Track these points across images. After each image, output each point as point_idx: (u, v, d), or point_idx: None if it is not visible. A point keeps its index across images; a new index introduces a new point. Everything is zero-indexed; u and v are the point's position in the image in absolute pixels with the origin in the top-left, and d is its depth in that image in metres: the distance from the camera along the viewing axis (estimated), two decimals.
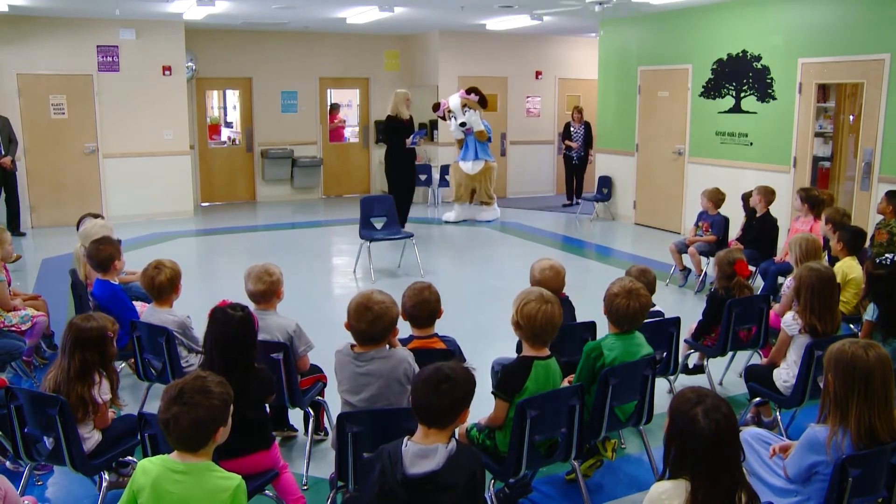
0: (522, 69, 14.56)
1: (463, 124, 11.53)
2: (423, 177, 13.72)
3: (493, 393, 3.40)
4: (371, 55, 14.73)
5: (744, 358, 5.36)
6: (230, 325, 3.29)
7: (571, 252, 9.76)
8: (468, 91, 11.50)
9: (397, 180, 10.54)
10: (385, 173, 10.98)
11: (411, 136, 10.38)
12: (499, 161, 14.66)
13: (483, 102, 11.59)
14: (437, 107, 11.87)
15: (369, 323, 3.34)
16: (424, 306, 3.72)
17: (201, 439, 2.58)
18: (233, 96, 15.38)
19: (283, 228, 11.63)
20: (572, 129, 13.08)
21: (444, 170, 13.87)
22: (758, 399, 4.43)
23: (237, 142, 14.52)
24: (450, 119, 11.65)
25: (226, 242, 10.69)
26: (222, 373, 2.85)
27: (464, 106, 11.47)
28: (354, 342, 3.44)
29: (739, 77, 9.73)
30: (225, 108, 16.63)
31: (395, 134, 10.35)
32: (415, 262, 8.53)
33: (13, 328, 5.16)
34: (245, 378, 3.20)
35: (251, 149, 14.19)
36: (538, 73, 14.71)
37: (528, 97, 14.73)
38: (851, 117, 9.11)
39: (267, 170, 14.13)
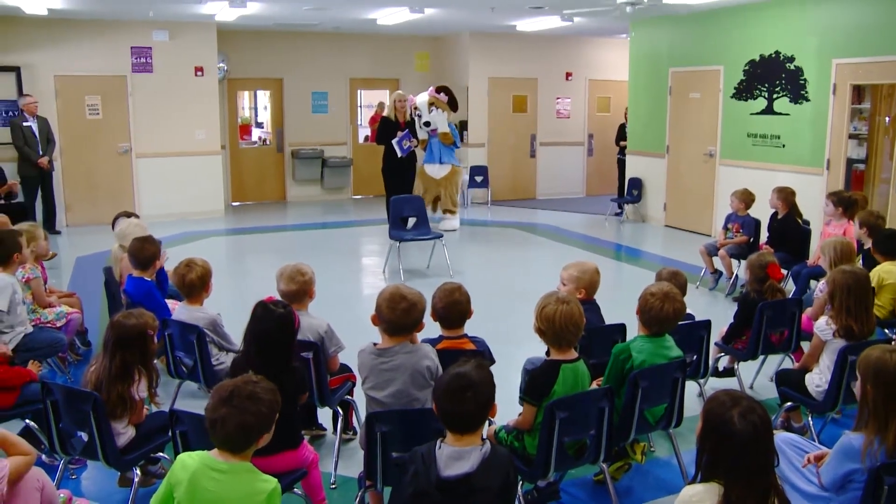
0: (552, 70, 14.51)
1: (427, 123, 10.86)
2: None
3: (521, 398, 3.39)
4: (401, 56, 14.77)
5: (775, 362, 5.30)
6: (270, 321, 3.33)
7: (601, 254, 9.70)
8: (438, 90, 10.97)
9: (388, 183, 10.41)
10: (381, 173, 10.68)
11: (397, 140, 10.08)
12: (528, 162, 14.69)
13: (453, 105, 11.06)
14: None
15: (405, 311, 3.37)
16: (455, 307, 3.73)
17: (245, 443, 2.61)
18: (264, 97, 15.50)
19: (313, 228, 11.69)
20: (628, 129, 12.74)
21: (475, 171, 13.90)
22: (789, 404, 4.37)
23: (268, 142, 14.62)
24: (415, 117, 10.98)
25: (256, 242, 10.77)
26: (259, 368, 2.87)
27: (431, 105, 10.82)
28: (376, 342, 3.47)
29: (772, 78, 9.62)
30: (256, 109, 16.77)
31: (385, 136, 10.24)
32: (444, 262, 8.54)
33: (49, 324, 5.24)
34: (280, 375, 3.22)
35: (282, 149, 14.29)
36: (568, 75, 14.65)
37: (557, 98, 14.67)
38: (888, 119, 8.97)
39: (297, 170, 14.22)
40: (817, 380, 4.19)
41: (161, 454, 3.73)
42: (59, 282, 8.01)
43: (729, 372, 5.19)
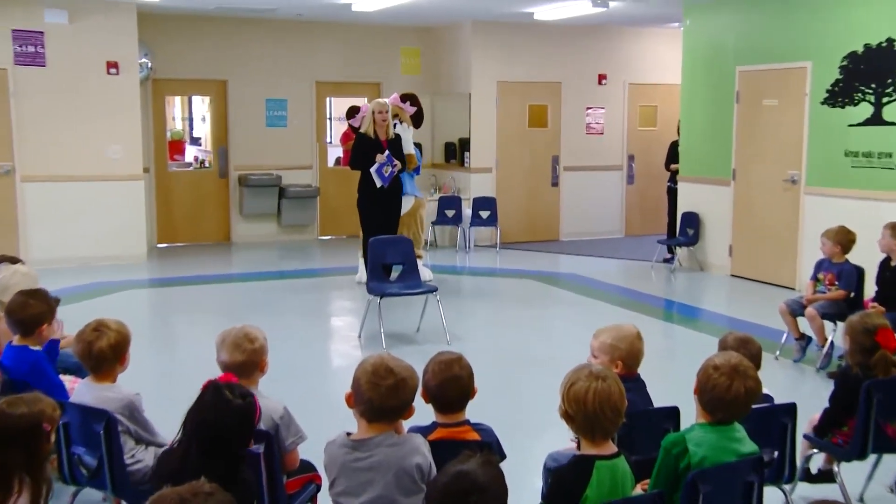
0: (581, 72, 14.73)
1: None
2: (450, 213, 13.82)
3: None
4: (384, 53, 15.00)
5: (893, 463, 5.27)
6: (223, 412, 3.28)
7: (646, 313, 9.73)
8: (403, 98, 10.99)
9: (365, 220, 10.46)
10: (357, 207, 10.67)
11: (375, 169, 10.11)
12: (549, 193, 14.83)
13: (418, 119, 11.13)
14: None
15: (391, 389, 3.36)
16: (454, 385, 3.73)
17: None
18: (201, 104, 15.62)
19: (267, 279, 11.74)
20: (681, 148, 12.74)
21: (479, 204, 14.00)
22: None
23: (207, 164, 14.76)
24: None
25: (190, 297, 10.79)
26: (197, 469, 2.83)
27: (394, 116, 10.74)
28: (350, 431, 3.47)
29: (882, 76, 9.67)
30: (191, 120, 16.89)
31: (362, 158, 10.28)
32: (439, 325, 8.54)
33: None
34: (226, 485, 3.19)
35: (226, 174, 14.40)
36: (602, 77, 14.88)
37: (588, 108, 14.88)
38: None
39: (246, 201, 14.31)
40: None
41: None
42: None
43: (826, 475, 5.13)
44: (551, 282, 11.61)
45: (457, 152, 14.72)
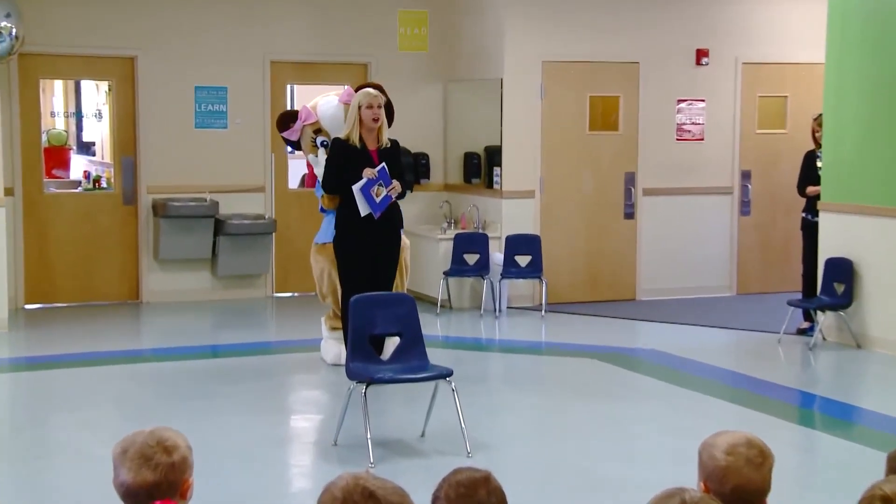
0: (670, 46, 14.81)
1: None
2: (471, 258, 13.82)
3: None
4: (374, 21, 15.14)
5: None
6: None
7: (772, 412, 9.68)
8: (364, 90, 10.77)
9: (345, 268, 10.53)
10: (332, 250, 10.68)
11: (360, 187, 10.15)
12: (621, 229, 14.90)
13: (387, 116, 10.84)
14: (286, 122, 11.24)
15: None
16: None
17: None
18: (95, 93, 15.68)
19: (195, 357, 11.74)
20: (823, 163, 12.67)
21: (514, 244, 14.05)
22: None
23: (104, 183, 14.80)
24: (319, 147, 10.99)
25: (76, 385, 10.71)
26: None
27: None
28: None
29: None
30: (79, 117, 16.92)
31: (340, 174, 10.33)
32: (455, 427, 8.51)
33: None
34: None
35: (133, 198, 14.47)
36: (701, 55, 14.93)
37: (679, 102, 14.96)
38: None
39: (165, 240, 14.34)
40: None
41: None
42: None
43: None
44: (625, 363, 11.58)
45: (482, 168, 14.78)
